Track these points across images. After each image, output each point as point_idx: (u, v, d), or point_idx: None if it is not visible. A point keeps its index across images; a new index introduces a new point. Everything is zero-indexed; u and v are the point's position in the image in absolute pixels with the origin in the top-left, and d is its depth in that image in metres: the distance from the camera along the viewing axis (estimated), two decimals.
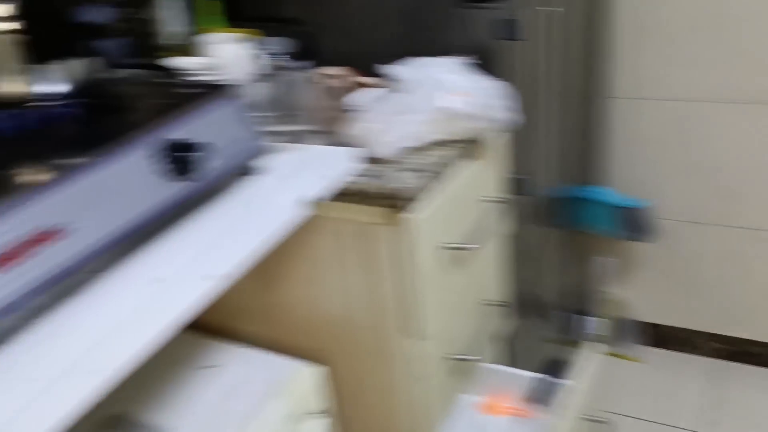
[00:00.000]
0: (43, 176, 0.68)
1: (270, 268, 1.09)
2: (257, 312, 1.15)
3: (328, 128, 1.08)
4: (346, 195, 0.96)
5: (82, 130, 0.82)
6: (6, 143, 0.80)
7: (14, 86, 0.80)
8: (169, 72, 1.01)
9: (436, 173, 0.98)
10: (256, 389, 1.01)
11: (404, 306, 0.99)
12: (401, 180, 0.94)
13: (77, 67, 0.83)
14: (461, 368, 1.17)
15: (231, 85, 0.94)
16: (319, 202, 0.94)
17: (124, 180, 0.74)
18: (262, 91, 1.11)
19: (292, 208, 0.88)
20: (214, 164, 0.84)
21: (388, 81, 1.11)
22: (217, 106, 0.89)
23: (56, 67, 0.81)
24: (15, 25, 0.77)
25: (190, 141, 0.81)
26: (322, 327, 1.10)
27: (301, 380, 1.03)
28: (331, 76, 1.16)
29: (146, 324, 0.64)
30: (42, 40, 0.77)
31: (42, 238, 0.66)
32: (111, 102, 0.89)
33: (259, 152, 0.92)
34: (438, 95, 1.00)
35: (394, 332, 1.02)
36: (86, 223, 0.69)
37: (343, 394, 1.14)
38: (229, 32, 1.33)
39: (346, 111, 1.10)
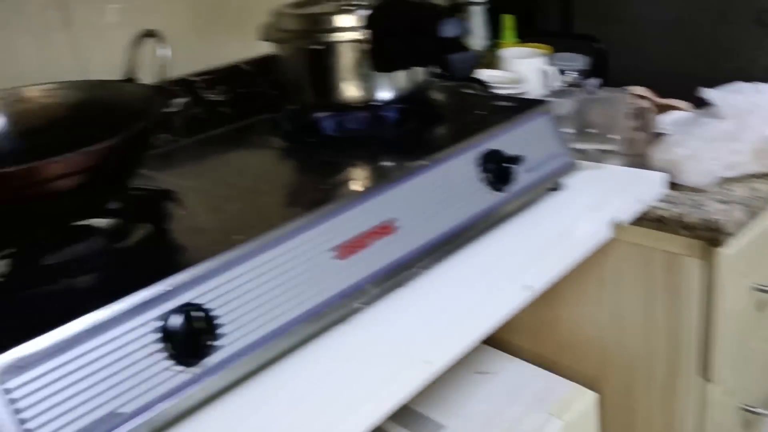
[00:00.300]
0: (383, 174, 0.74)
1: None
2: (529, 325, 1.15)
3: (631, 150, 1.04)
4: (649, 221, 0.92)
5: (413, 135, 0.88)
6: (347, 143, 0.88)
7: (356, 91, 0.87)
8: (481, 84, 1.05)
9: (753, 208, 0.91)
10: (530, 403, 1.01)
11: (705, 345, 0.93)
12: (714, 211, 0.89)
13: (411, 75, 0.89)
14: (749, 422, 1.07)
15: (543, 101, 0.95)
16: (621, 225, 0.91)
17: (451, 185, 0.78)
18: (562, 107, 1.11)
19: (596, 228, 0.86)
20: (526, 177, 0.86)
21: (699, 105, 1.05)
22: (531, 120, 0.90)
23: (393, 75, 0.87)
24: (361, 35, 0.84)
25: (508, 153, 0.83)
26: (596, 351, 1.07)
27: (576, 402, 1.01)
28: (634, 96, 1.12)
29: (471, 322, 0.67)
30: (383, 48, 0.83)
31: (380, 231, 0.71)
32: (435, 110, 0.94)
33: (566, 169, 0.92)
34: (766, 124, 0.92)
35: (687, 371, 0.96)
36: (416, 220, 0.74)
37: (611, 425, 1.10)
38: (526, 47, 1.35)
39: (650, 133, 1.06)
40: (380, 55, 0.83)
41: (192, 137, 0.96)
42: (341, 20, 0.84)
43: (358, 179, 0.74)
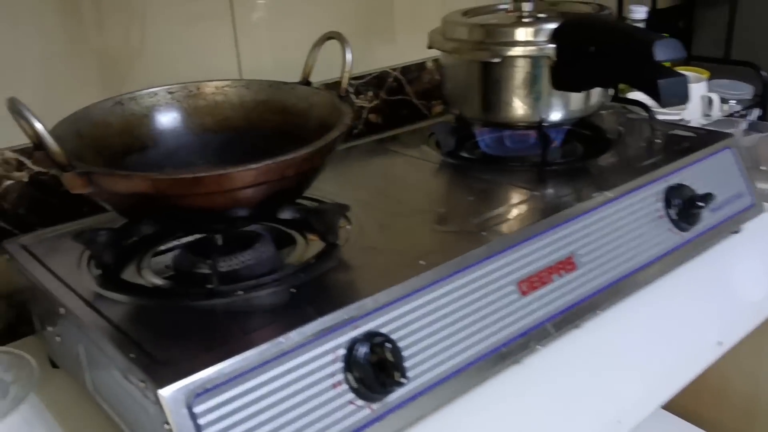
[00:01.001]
0: (565, 204, 0.68)
1: None
2: None
3: None
4: None
5: (582, 161, 0.82)
6: (510, 162, 0.83)
7: (525, 109, 0.82)
8: (645, 108, 0.97)
9: None
10: None
11: None
12: None
13: (586, 96, 0.82)
14: None
15: (727, 133, 0.87)
16: None
17: (633, 220, 0.71)
18: (743, 141, 1.02)
19: None
20: (710, 217, 0.78)
21: None
22: (715, 154, 0.82)
23: (567, 95, 0.81)
24: (541, 50, 0.78)
25: (693, 190, 0.76)
26: (745, 406, 0.98)
27: None
28: None
29: (664, 379, 0.61)
30: (570, 66, 0.77)
31: (562, 267, 0.65)
32: (604, 134, 0.87)
33: (749, 210, 0.83)
34: None
35: None
36: (597, 257, 0.68)
37: None
38: (684, 70, 1.26)
39: None
40: (564, 73, 0.77)
41: (342, 144, 0.92)
42: (521, 33, 0.79)
43: (537, 208, 0.69)
